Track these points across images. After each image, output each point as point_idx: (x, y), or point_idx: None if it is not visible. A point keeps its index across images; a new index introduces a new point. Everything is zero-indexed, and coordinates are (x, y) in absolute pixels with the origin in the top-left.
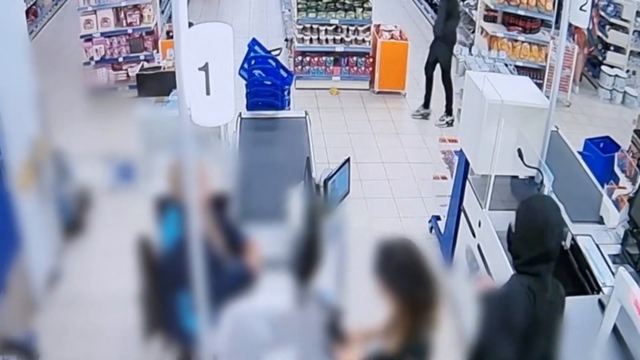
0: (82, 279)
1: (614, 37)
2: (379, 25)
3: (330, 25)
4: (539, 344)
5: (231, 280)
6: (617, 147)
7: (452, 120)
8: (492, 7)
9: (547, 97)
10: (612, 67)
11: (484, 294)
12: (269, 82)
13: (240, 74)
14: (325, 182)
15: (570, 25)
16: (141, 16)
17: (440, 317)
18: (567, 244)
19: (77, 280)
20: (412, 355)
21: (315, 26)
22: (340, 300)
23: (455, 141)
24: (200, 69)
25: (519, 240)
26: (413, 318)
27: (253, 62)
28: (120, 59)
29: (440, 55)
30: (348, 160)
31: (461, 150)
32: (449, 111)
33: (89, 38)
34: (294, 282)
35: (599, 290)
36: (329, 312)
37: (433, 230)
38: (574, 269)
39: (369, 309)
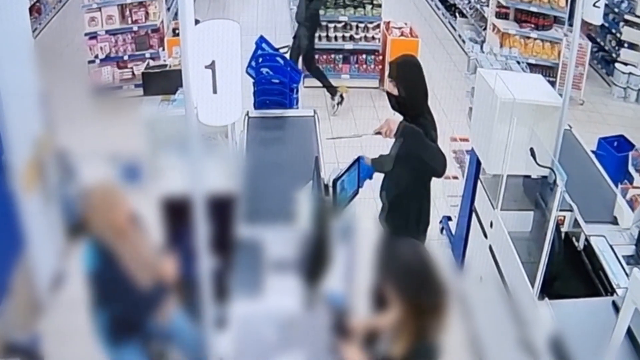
0: None
1: (628, 34)
2: (388, 22)
3: (340, 22)
4: None
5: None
6: (632, 146)
7: (341, 98)
8: (504, 3)
9: (560, 95)
10: (626, 64)
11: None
12: (277, 81)
13: (247, 72)
14: (334, 182)
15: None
16: (147, 13)
17: (448, 322)
18: (581, 244)
19: (82, 282)
20: (418, 359)
21: (323, 23)
22: (350, 302)
23: (466, 140)
24: (207, 67)
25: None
26: (420, 321)
27: (261, 60)
28: (126, 57)
29: (301, 39)
30: (358, 159)
31: (472, 149)
32: (332, 93)
33: (93, 36)
34: (303, 284)
35: (612, 291)
36: (337, 314)
37: (444, 231)
38: (587, 270)
39: (377, 309)
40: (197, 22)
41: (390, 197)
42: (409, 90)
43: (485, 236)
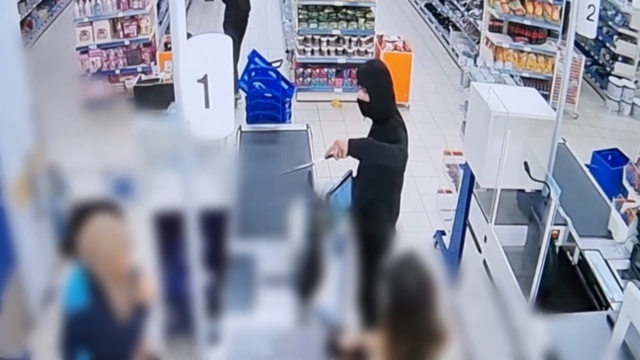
0: None
1: (622, 47)
2: (381, 36)
3: (332, 36)
4: None
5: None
6: (626, 160)
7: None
8: (497, 17)
9: (554, 108)
10: (620, 77)
11: None
12: (269, 95)
13: (240, 86)
14: (328, 196)
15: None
16: (138, 27)
17: (445, 351)
18: (575, 259)
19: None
20: None
21: (316, 37)
22: (343, 317)
23: (460, 154)
24: (199, 81)
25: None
26: (411, 345)
27: (253, 74)
28: (117, 71)
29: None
30: (351, 173)
31: (466, 163)
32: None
33: (85, 50)
34: (296, 299)
35: (607, 306)
36: (330, 329)
37: (438, 246)
38: (581, 285)
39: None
40: (189, 36)
41: (360, 204)
42: (380, 95)
43: (479, 250)
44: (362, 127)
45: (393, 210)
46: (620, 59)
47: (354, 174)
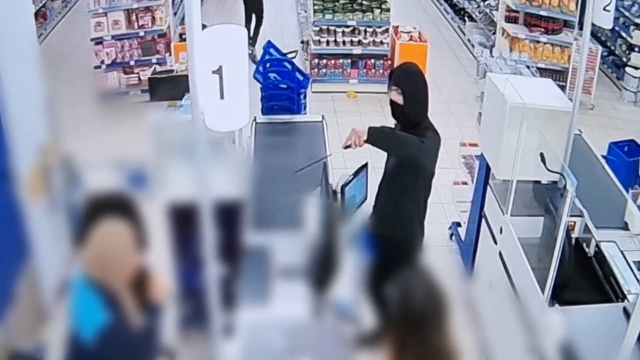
0: None
1: (638, 37)
2: (397, 27)
3: (348, 26)
4: None
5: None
6: None
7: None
8: (513, 7)
9: (570, 99)
10: (636, 68)
11: None
12: (284, 86)
13: (255, 77)
14: (343, 188)
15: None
16: (153, 18)
17: None
18: (591, 250)
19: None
20: None
21: (332, 28)
22: (358, 309)
23: (476, 145)
24: (214, 72)
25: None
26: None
27: (268, 65)
28: (132, 63)
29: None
30: (366, 165)
31: (482, 154)
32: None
33: (99, 41)
34: (311, 291)
35: (623, 298)
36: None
37: (453, 237)
38: (597, 276)
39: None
40: (204, 27)
41: (390, 205)
42: (415, 99)
43: (495, 242)
44: (377, 118)
45: (421, 215)
46: (636, 49)
47: (371, 167)
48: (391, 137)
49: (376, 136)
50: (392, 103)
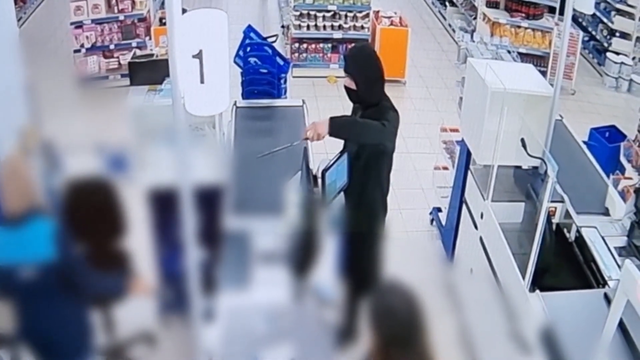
0: None
1: (619, 23)
2: (378, 12)
3: (328, 11)
4: None
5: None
6: (623, 137)
7: None
8: None
9: (551, 84)
10: (617, 54)
11: None
12: (265, 70)
13: (235, 62)
14: (323, 173)
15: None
16: (133, 2)
17: None
18: (572, 236)
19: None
20: None
21: (312, 12)
22: (338, 294)
23: (456, 130)
24: (194, 56)
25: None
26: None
27: (248, 49)
28: (112, 47)
29: None
30: (345, 149)
31: (463, 139)
32: None
33: (79, 25)
34: (291, 276)
35: (604, 283)
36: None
37: (434, 222)
38: (578, 262)
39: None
40: (184, 11)
41: (355, 185)
42: (367, 83)
43: (476, 227)
44: None
45: (384, 192)
46: (618, 34)
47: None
48: (353, 127)
49: (338, 128)
50: (347, 88)
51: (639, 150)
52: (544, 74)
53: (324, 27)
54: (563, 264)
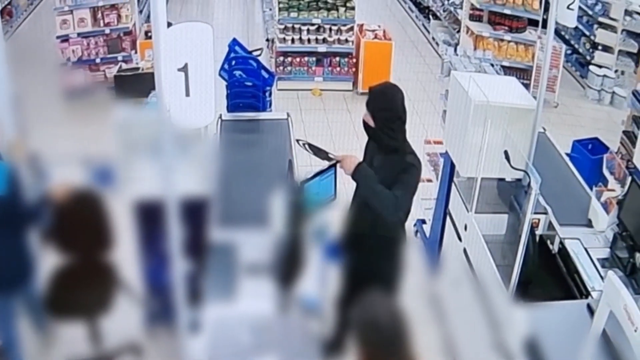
0: None
1: (602, 36)
2: (362, 25)
3: (313, 25)
4: None
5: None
6: (606, 149)
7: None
8: (477, 6)
9: (534, 97)
10: (600, 67)
11: None
12: (249, 83)
13: (220, 75)
14: (302, 184)
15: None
16: (119, 16)
17: None
18: (555, 247)
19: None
20: None
21: (297, 26)
22: (324, 305)
23: (440, 143)
24: (179, 69)
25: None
26: None
27: (234, 62)
28: (98, 60)
29: None
30: (334, 165)
31: (446, 152)
32: None
33: (65, 39)
34: (277, 287)
35: (587, 294)
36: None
37: (418, 234)
38: (562, 273)
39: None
40: (169, 24)
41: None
42: (386, 122)
43: (460, 239)
44: (342, 116)
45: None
46: (600, 48)
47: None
48: (369, 187)
49: (359, 177)
50: (365, 123)
51: (621, 162)
52: (527, 86)
53: (309, 40)
54: (546, 275)
